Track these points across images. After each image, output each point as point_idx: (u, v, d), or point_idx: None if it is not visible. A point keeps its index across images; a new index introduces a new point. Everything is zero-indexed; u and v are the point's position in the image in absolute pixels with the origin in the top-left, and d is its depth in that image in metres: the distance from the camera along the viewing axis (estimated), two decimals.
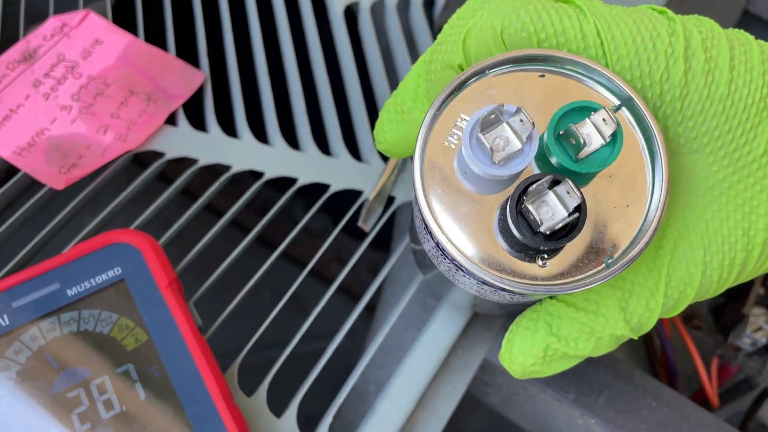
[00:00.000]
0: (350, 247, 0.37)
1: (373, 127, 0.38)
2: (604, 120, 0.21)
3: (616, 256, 0.22)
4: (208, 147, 0.36)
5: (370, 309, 0.40)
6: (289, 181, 0.36)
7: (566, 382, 0.31)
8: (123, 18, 0.39)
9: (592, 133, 0.21)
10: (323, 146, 0.37)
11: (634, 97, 0.22)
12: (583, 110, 0.21)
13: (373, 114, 0.38)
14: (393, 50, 0.41)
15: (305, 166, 0.36)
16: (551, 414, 0.36)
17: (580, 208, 0.20)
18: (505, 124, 0.20)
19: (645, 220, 0.22)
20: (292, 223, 0.36)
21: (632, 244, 0.22)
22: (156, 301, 0.28)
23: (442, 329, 0.32)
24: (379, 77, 0.39)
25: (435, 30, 0.39)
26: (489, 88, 0.23)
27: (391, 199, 0.35)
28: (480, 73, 0.23)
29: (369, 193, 0.35)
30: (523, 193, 0.21)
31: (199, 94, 0.38)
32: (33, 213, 0.33)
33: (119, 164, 0.35)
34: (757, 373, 0.41)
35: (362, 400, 0.34)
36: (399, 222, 0.40)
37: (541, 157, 0.22)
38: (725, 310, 0.43)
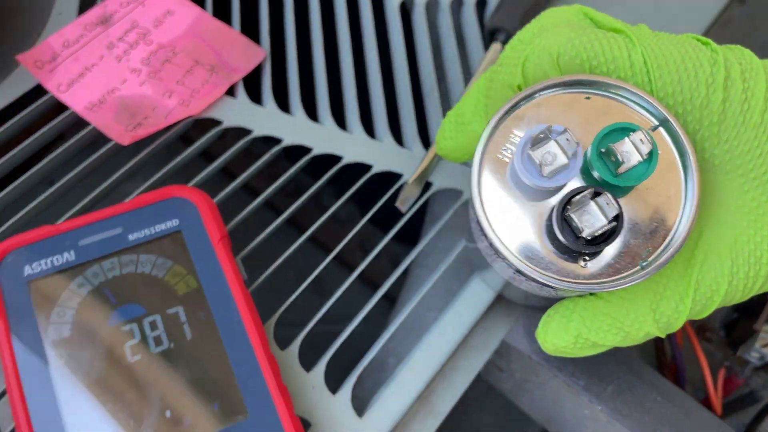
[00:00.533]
0: (375, 237, 0.39)
1: (417, 116, 0.40)
2: (641, 140, 0.23)
3: (650, 260, 0.24)
4: (263, 120, 0.38)
5: (390, 299, 0.42)
6: (334, 159, 0.38)
7: (578, 370, 0.33)
8: None
9: (630, 151, 0.23)
10: (369, 129, 0.39)
11: (670, 118, 0.24)
12: (624, 130, 0.24)
13: (418, 103, 0.41)
14: (443, 46, 0.43)
15: (351, 146, 0.38)
16: (559, 402, 0.38)
17: (618, 218, 0.23)
18: (553, 142, 0.23)
19: (677, 229, 0.24)
20: (321, 209, 0.38)
21: (665, 249, 0.24)
22: (208, 253, 0.31)
23: (464, 310, 0.34)
24: (428, 70, 0.42)
25: (485, 32, 0.41)
26: (540, 107, 0.25)
27: (428, 184, 0.37)
28: (533, 94, 0.25)
29: (409, 175, 0.37)
30: (567, 203, 0.23)
31: (258, 69, 0.40)
32: (99, 164, 0.36)
33: (180, 128, 0.38)
34: (762, 388, 0.42)
35: (382, 370, 0.37)
36: (432, 209, 0.42)
37: (585, 171, 0.24)
38: (737, 325, 0.45)
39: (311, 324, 0.33)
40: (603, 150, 0.24)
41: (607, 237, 0.24)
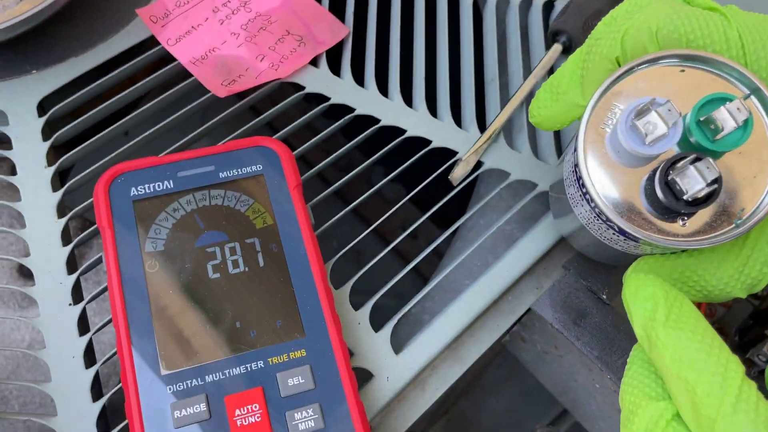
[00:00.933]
0: (431, 202, 0.43)
1: (477, 101, 0.44)
2: (738, 108, 0.25)
3: (744, 218, 0.27)
4: (340, 90, 0.43)
5: (433, 266, 0.46)
6: (399, 132, 0.43)
7: (594, 341, 0.37)
8: None
9: (727, 119, 0.25)
10: (432, 108, 0.44)
11: (762, 87, 0.27)
12: (720, 100, 0.26)
13: (479, 90, 0.45)
14: (508, 41, 0.47)
15: (415, 121, 0.43)
16: (573, 376, 0.42)
17: (717, 180, 0.26)
18: (654, 113, 0.26)
19: None
20: (385, 173, 0.42)
21: (758, 208, 0.27)
22: (284, 196, 0.36)
23: (498, 277, 0.38)
24: (491, 61, 0.46)
25: (549, 32, 0.45)
26: (638, 80, 0.28)
27: (479, 164, 0.42)
28: (634, 67, 0.28)
29: (463, 153, 0.41)
30: (670, 167, 0.26)
31: (340, 44, 0.45)
32: (198, 110, 0.42)
33: (268, 88, 0.43)
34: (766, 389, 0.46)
35: (417, 325, 0.41)
36: (479, 189, 0.47)
37: (683, 139, 0.27)
38: (751, 331, 0.48)
39: (365, 269, 0.38)
40: (701, 118, 0.26)
41: (706, 198, 0.26)
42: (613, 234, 0.29)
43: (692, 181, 0.25)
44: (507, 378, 0.97)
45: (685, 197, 0.26)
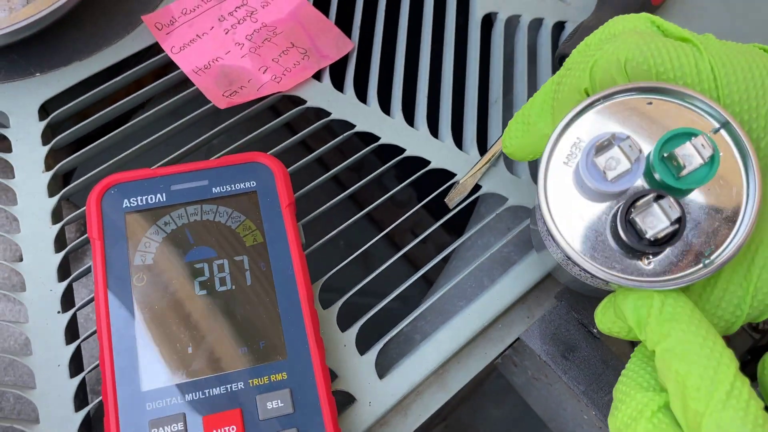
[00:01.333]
0: (426, 223, 0.43)
1: (479, 122, 0.44)
2: (702, 144, 0.24)
3: (712, 258, 0.25)
4: (342, 105, 0.43)
5: (429, 283, 0.46)
6: (398, 150, 0.42)
7: (581, 375, 0.37)
8: None
9: (692, 155, 0.24)
10: (433, 128, 0.43)
11: (731, 121, 0.26)
12: (685, 135, 0.25)
13: (482, 111, 0.44)
14: (516, 61, 0.47)
15: (415, 140, 0.42)
16: (562, 405, 0.42)
17: (680, 220, 0.25)
18: (616, 148, 0.25)
19: (739, 228, 0.26)
20: (382, 190, 0.42)
21: (726, 248, 0.25)
22: (276, 215, 0.36)
23: (489, 304, 0.38)
24: (497, 81, 0.45)
25: (556, 55, 0.44)
26: (604, 112, 0.27)
27: (477, 187, 0.41)
28: (599, 100, 0.27)
29: (461, 176, 0.41)
30: (631, 205, 0.25)
31: (344, 59, 0.45)
32: (196, 121, 0.42)
33: (269, 101, 0.42)
34: None
35: (408, 344, 0.41)
36: (479, 209, 0.46)
37: (647, 175, 0.26)
38: (748, 366, 0.47)
39: (354, 290, 0.38)
40: (665, 154, 0.25)
41: (669, 238, 0.25)
42: (580, 271, 0.28)
43: (654, 220, 0.25)
44: (507, 388, 0.97)
45: (647, 236, 0.25)
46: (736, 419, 0.22)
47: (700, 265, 0.26)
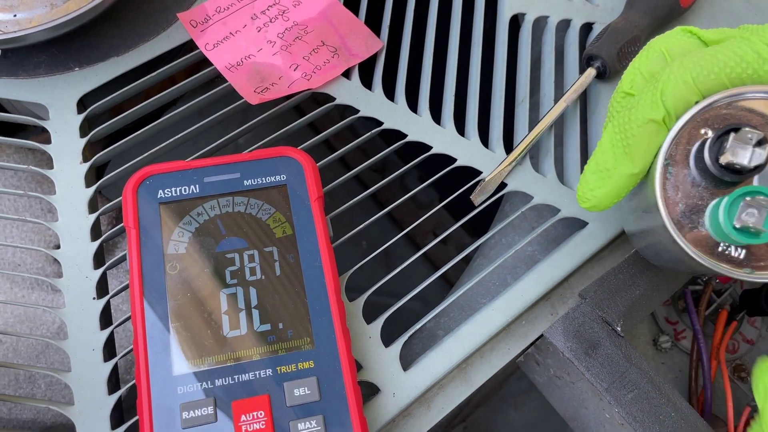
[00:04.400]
0: (447, 224, 0.44)
1: (505, 121, 0.44)
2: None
3: None
4: (370, 103, 0.44)
5: (450, 284, 0.47)
6: (425, 147, 0.43)
7: (604, 372, 0.37)
8: None
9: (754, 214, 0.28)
10: (460, 127, 0.44)
11: None
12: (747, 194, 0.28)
13: (509, 110, 0.45)
14: (543, 61, 0.47)
15: (441, 138, 0.43)
16: (584, 404, 0.42)
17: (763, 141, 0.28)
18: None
19: None
20: (405, 190, 0.43)
21: None
22: (305, 208, 0.37)
23: (513, 300, 0.38)
24: (523, 81, 0.46)
25: (583, 56, 0.44)
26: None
27: (502, 185, 0.42)
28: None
29: (487, 174, 0.41)
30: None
31: (373, 58, 0.45)
32: (229, 116, 0.43)
33: (300, 97, 0.43)
34: None
35: (431, 340, 0.41)
36: (504, 208, 0.47)
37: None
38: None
39: (379, 283, 0.38)
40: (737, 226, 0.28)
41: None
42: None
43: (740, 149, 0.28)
44: (527, 391, 0.97)
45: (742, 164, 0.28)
46: None
47: None
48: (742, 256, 0.30)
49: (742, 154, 0.28)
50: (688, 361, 0.49)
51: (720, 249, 0.30)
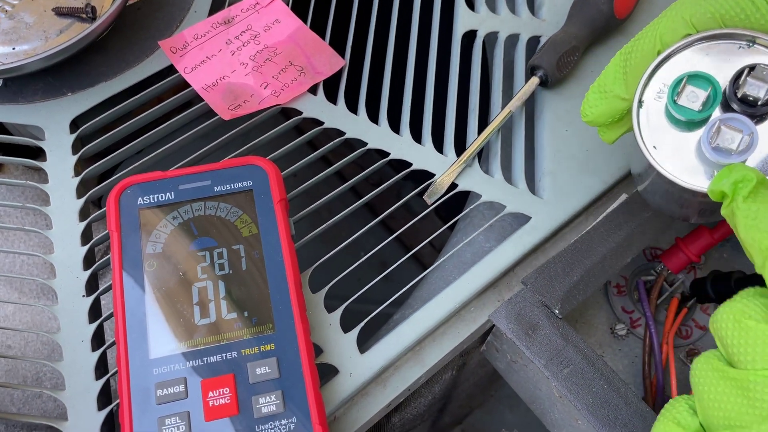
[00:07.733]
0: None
1: (456, 129, 0.48)
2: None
3: None
4: (334, 115, 0.48)
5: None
6: (383, 154, 0.47)
7: (542, 350, 0.40)
8: (299, 6, 0.52)
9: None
10: (416, 134, 0.48)
11: None
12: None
13: (461, 118, 0.49)
14: (492, 73, 0.51)
15: (399, 145, 0.47)
16: (537, 385, 0.45)
17: None
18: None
19: None
20: (358, 197, 0.47)
21: None
22: (269, 209, 0.41)
23: (463, 287, 0.42)
24: (474, 92, 0.50)
25: (527, 66, 0.48)
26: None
27: (453, 185, 0.46)
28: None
29: (439, 176, 0.45)
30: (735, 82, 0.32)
31: (337, 75, 0.50)
32: (208, 131, 0.47)
33: (269, 113, 0.48)
34: None
35: (389, 327, 0.45)
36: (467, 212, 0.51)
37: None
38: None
39: (340, 276, 0.42)
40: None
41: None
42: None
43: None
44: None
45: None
46: None
47: None
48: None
49: (758, 88, 0.31)
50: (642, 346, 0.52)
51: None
